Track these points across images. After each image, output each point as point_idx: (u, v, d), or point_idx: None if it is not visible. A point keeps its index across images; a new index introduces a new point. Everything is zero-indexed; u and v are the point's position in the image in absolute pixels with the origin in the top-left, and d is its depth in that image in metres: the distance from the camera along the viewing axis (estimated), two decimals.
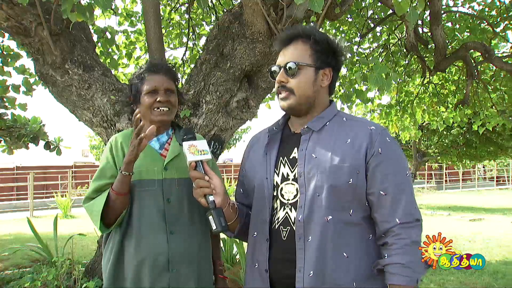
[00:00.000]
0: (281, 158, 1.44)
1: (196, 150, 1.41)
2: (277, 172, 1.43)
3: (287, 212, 1.38)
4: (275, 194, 1.42)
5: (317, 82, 1.42)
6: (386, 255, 1.30)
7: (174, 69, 1.78)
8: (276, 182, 1.43)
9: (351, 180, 1.31)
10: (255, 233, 1.45)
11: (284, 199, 1.40)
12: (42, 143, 3.75)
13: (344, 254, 1.31)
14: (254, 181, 1.49)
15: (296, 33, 1.44)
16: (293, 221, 1.36)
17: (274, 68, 1.45)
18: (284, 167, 1.42)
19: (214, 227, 1.35)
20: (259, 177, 1.47)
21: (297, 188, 1.37)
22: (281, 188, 1.41)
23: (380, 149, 1.33)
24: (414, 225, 1.31)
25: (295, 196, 1.38)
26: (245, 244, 1.72)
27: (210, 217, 1.35)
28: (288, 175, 1.41)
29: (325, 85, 1.44)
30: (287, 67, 1.40)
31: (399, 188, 1.32)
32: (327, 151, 1.35)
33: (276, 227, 1.40)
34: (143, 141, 1.44)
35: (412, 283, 1.27)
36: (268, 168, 1.45)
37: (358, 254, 1.33)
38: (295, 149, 1.42)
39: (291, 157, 1.42)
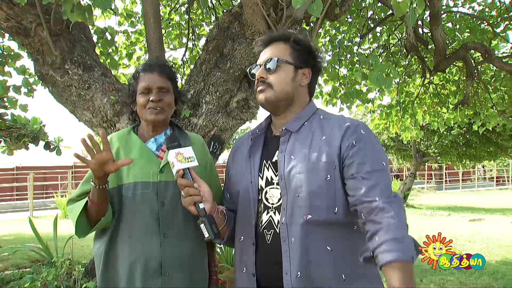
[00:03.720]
0: (264, 161, 1.45)
1: (183, 157, 1.39)
2: (261, 175, 1.43)
3: (270, 216, 1.38)
4: (259, 198, 1.42)
5: (296, 80, 1.44)
6: (376, 237, 1.20)
7: (171, 67, 1.74)
8: (261, 185, 1.43)
9: (328, 176, 1.31)
10: (242, 237, 1.44)
11: (268, 202, 1.40)
12: (42, 143, 3.75)
13: (328, 247, 1.30)
14: (239, 185, 1.49)
15: (276, 36, 1.48)
16: (276, 224, 1.36)
17: (254, 67, 1.48)
18: (268, 170, 1.42)
19: (206, 235, 1.34)
20: (244, 181, 1.46)
21: (281, 192, 1.37)
22: (266, 192, 1.41)
23: (354, 141, 1.32)
24: (395, 200, 1.26)
25: (279, 200, 1.37)
26: None
27: (202, 225, 1.34)
28: (272, 178, 1.41)
29: (304, 84, 1.46)
30: (267, 63, 1.42)
31: (376, 175, 1.28)
32: (305, 150, 1.36)
33: (261, 230, 1.39)
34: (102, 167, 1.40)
35: (409, 257, 1.15)
36: (252, 172, 1.45)
37: (342, 245, 1.31)
38: (277, 151, 1.42)
39: (273, 160, 1.42)
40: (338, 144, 1.33)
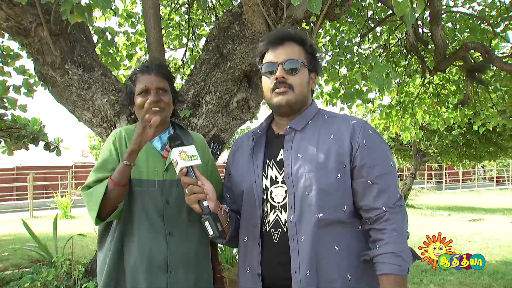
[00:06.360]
0: (267, 161, 1.45)
1: (186, 156, 1.39)
2: (265, 175, 1.43)
3: (277, 215, 1.38)
4: (264, 197, 1.42)
5: (309, 84, 1.46)
6: (377, 245, 1.30)
7: (167, 67, 1.75)
8: (265, 185, 1.42)
9: (338, 175, 1.33)
10: (246, 237, 1.44)
11: (274, 202, 1.40)
12: (42, 143, 3.75)
13: (336, 247, 1.31)
14: (242, 185, 1.48)
15: (288, 35, 1.45)
16: (283, 222, 1.36)
17: (268, 65, 1.43)
18: (272, 169, 1.43)
19: (211, 232, 1.34)
20: (247, 181, 1.46)
21: (286, 190, 1.37)
22: (271, 191, 1.41)
23: (364, 141, 1.35)
24: (400, 210, 1.33)
25: (284, 198, 1.38)
26: None
27: (207, 223, 1.34)
28: (277, 177, 1.41)
29: (313, 88, 1.50)
30: (288, 64, 1.40)
31: (385, 178, 1.34)
32: (312, 149, 1.36)
33: (267, 230, 1.39)
34: (147, 130, 1.43)
35: (404, 272, 1.27)
36: (256, 172, 1.44)
37: (349, 245, 1.33)
38: (281, 150, 1.43)
39: (277, 159, 1.43)
40: (347, 143, 1.35)
